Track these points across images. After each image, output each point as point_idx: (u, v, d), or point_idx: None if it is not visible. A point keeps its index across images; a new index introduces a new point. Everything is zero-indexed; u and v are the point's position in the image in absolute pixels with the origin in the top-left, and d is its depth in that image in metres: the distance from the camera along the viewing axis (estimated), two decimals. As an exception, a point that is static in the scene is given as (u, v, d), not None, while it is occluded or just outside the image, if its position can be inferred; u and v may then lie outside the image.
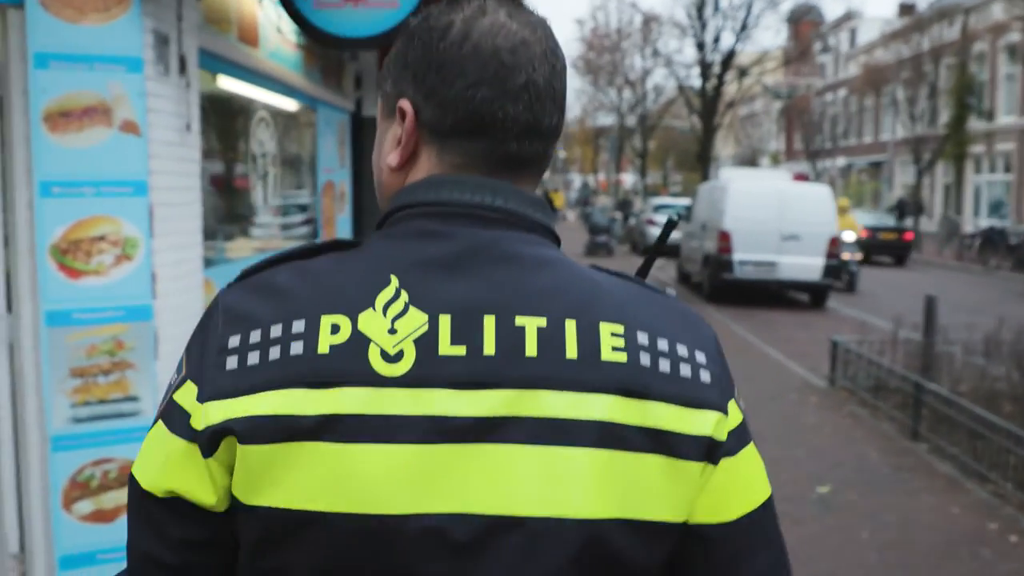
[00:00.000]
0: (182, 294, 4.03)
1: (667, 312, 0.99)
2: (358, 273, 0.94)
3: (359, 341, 0.89)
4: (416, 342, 0.89)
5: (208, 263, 4.71)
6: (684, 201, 28.23)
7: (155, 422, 0.96)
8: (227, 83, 5.19)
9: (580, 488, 0.89)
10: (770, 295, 16.62)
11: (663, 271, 21.67)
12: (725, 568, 0.96)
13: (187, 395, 0.93)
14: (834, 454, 6.92)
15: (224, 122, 5.27)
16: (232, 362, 0.91)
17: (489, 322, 0.90)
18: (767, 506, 1.00)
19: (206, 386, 0.91)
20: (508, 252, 0.95)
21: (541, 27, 1.00)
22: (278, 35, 5.79)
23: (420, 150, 1.01)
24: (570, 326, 0.92)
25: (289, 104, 6.56)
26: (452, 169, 0.99)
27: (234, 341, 0.92)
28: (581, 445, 0.89)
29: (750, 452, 0.99)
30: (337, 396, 0.88)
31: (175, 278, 3.92)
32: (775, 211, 15.64)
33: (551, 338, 0.91)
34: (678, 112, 46.98)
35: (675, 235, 23.69)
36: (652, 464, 0.91)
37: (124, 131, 3.56)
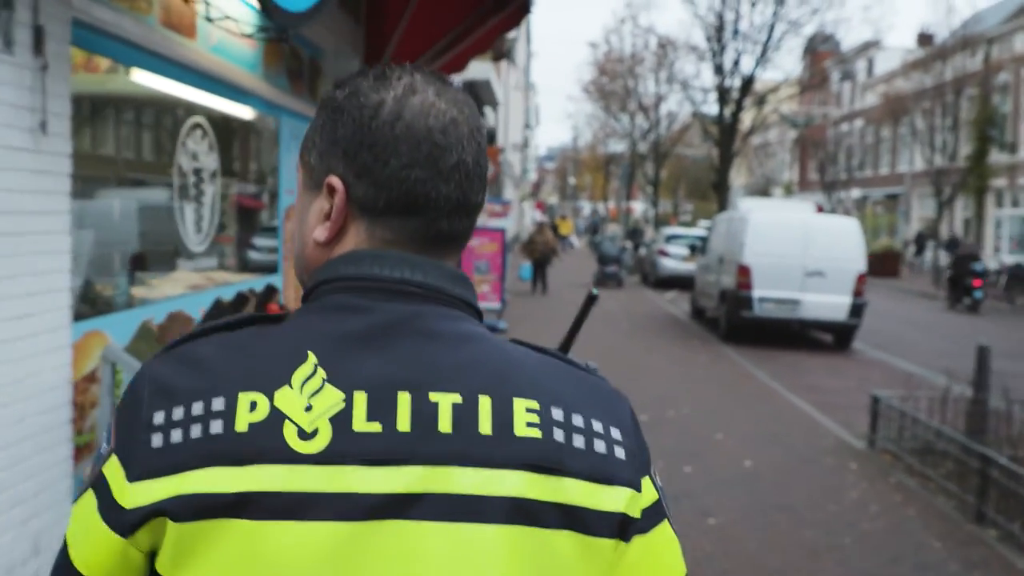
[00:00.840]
0: (28, 360, 2.92)
1: (584, 388, 1.00)
2: (277, 349, 0.92)
3: (276, 419, 0.88)
4: (332, 420, 0.89)
5: (98, 311, 3.61)
6: (696, 231, 27.21)
7: (85, 489, 0.94)
8: (144, 78, 4.11)
9: (491, 566, 0.89)
10: (790, 335, 15.47)
11: (676, 305, 20.54)
12: None
13: (115, 472, 0.91)
14: (888, 543, 5.76)
15: (139, 128, 4.20)
16: (157, 440, 0.89)
17: (404, 399, 0.90)
18: None
19: (134, 465, 0.89)
20: (425, 328, 0.95)
21: (467, 105, 1.01)
22: (226, 26, 4.72)
23: (348, 225, 0.99)
24: (484, 402, 0.92)
25: (240, 111, 5.48)
26: (382, 245, 0.98)
27: (158, 418, 0.90)
28: (493, 522, 0.89)
29: (664, 530, 0.99)
30: (254, 474, 0.86)
31: (14, 339, 2.81)
32: (799, 245, 14.51)
33: (465, 414, 0.91)
34: (690, 140, 46.03)
35: (688, 267, 22.67)
36: (565, 541, 0.91)
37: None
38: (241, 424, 0.88)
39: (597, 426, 0.96)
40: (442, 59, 7.56)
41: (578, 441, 0.94)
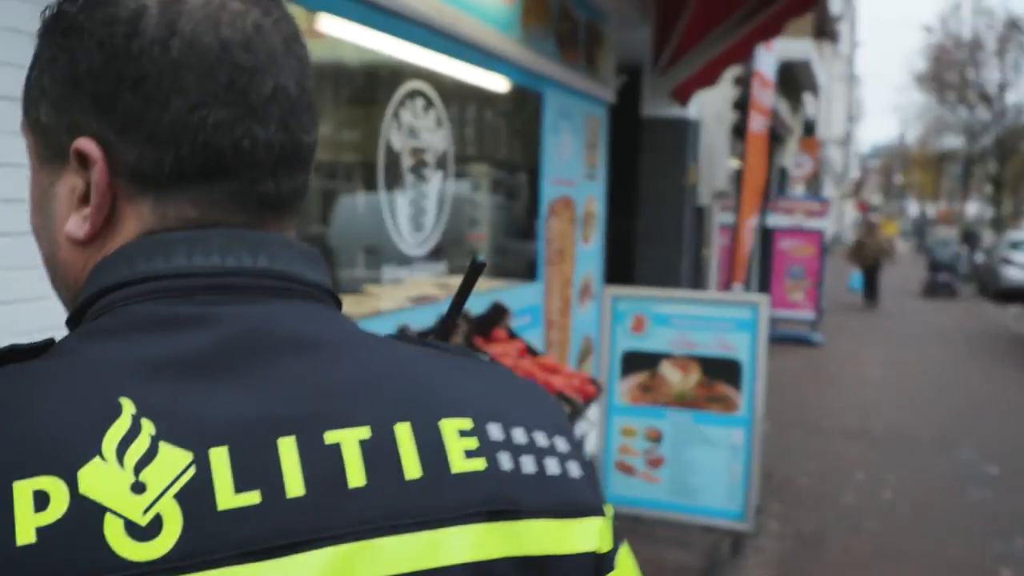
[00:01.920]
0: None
1: (506, 387, 0.75)
2: (63, 400, 0.59)
3: (86, 513, 0.56)
4: (178, 498, 0.58)
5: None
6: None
7: None
8: (333, 26, 3.12)
9: None
10: None
11: (1022, 323, 17.56)
12: None
13: None
14: None
15: (329, 94, 3.22)
16: None
17: (287, 446, 0.61)
18: None
19: None
20: (292, 335, 0.66)
21: (273, 3, 0.70)
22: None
23: (120, 209, 0.68)
24: (402, 431, 0.66)
25: (486, 80, 4.42)
26: (176, 230, 0.68)
27: None
28: None
29: (625, 554, 0.75)
30: None
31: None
32: None
33: (380, 455, 0.64)
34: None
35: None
36: None
37: None
38: (24, 534, 0.54)
39: (541, 439, 0.72)
40: (752, 21, 6.22)
41: (528, 465, 0.69)
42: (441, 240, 3.95)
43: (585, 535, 0.71)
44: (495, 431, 0.69)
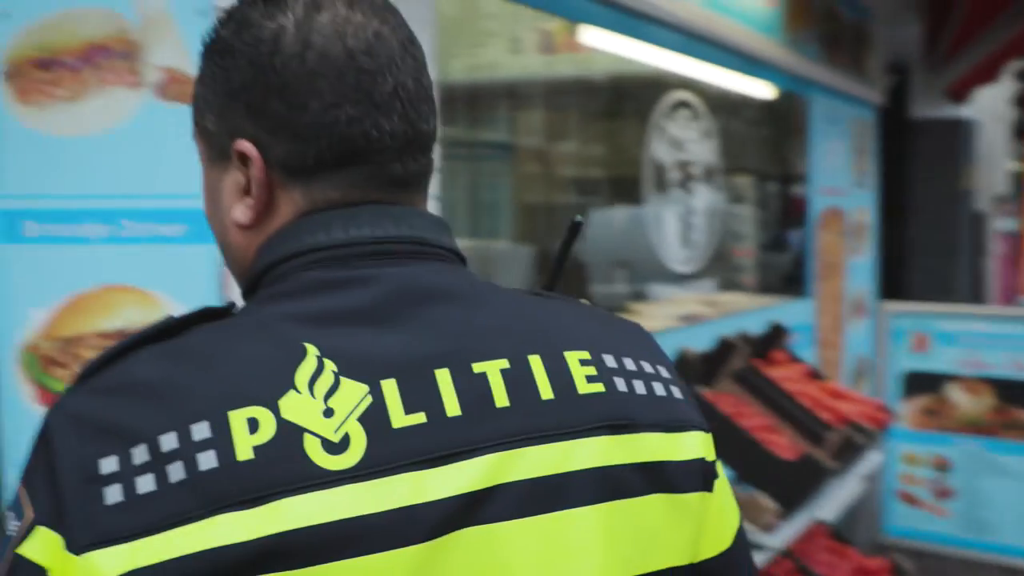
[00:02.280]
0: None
1: (614, 326, 0.90)
2: (258, 347, 0.73)
3: (289, 434, 0.69)
4: (362, 420, 0.71)
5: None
6: None
7: None
8: (594, 37, 3.04)
9: (590, 558, 0.77)
10: None
11: None
12: None
13: (43, 547, 0.67)
14: None
15: (589, 110, 3.14)
16: (114, 494, 0.67)
17: (443, 376, 0.75)
18: (742, 525, 0.92)
19: (79, 530, 0.66)
20: (435, 289, 0.79)
21: (389, 11, 0.83)
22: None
23: (277, 197, 0.82)
24: (536, 362, 0.79)
25: (750, 87, 4.22)
26: (328, 209, 0.81)
27: (109, 465, 0.68)
28: (581, 504, 0.77)
29: (719, 465, 0.89)
30: (277, 510, 0.67)
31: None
32: None
33: (519, 380, 0.77)
34: None
35: None
36: (655, 506, 0.81)
37: (167, 96, 1.59)
38: (243, 451, 0.68)
39: (648, 367, 0.85)
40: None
41: (639, 388, 0.83)
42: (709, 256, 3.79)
43: (692, 445, 0.83)
44: (609, 360, 0.82)
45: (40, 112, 1.57)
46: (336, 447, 0.69)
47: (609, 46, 3.11)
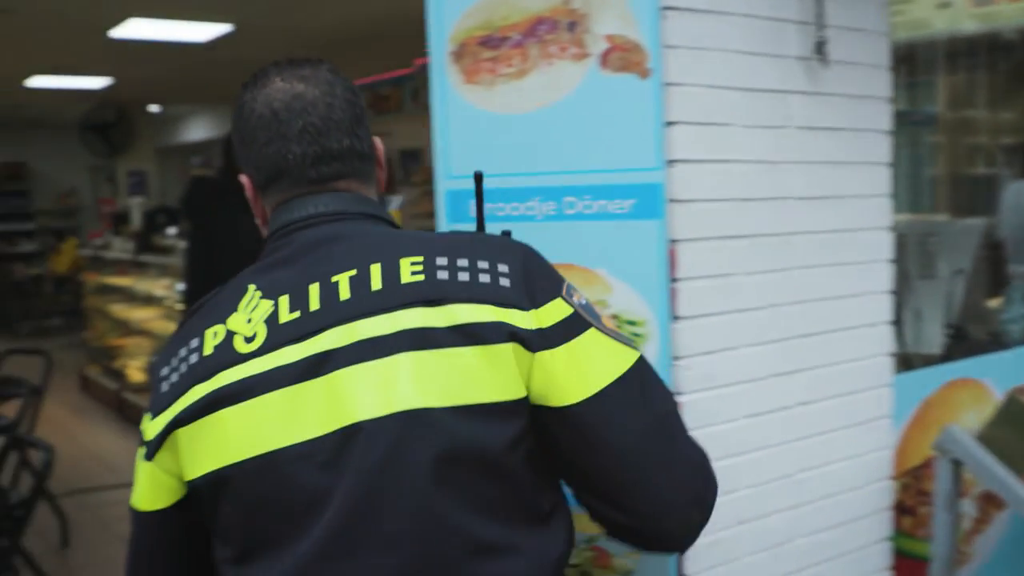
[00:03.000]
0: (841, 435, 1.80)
1: (476, 240, 1.17)
2: (230, 292, 1.20)
3: (229, 336, 1.14)
4: (266, 321, 1.13)
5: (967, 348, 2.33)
6: None
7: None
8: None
9: (404, 386, 1.07)
10: None
11: None
12: (587, 439, 1.11)
13: (146, 422, 1.20)
14: None
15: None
16: (165, 386, 1.18)
17: (314, 288, 1.13)
18: (625, 379, 1.13)
19: (154, 410, 1.19)
20: (329, 237, 1.18)
21: (315, 78, 1.23)
22: None
23: (262, 205, 1.28)
24: (375, 268, 1.12)
25: None
26: (278, 207, 1.24)
27: (164, 371, 1.19)
28: (397, 351, 1.08)
29: (586, 340, 1.13)
30: (218, 379, 1.13)
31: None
32: None
33: (360, 281, 1.12)
34: None
35: None
36: (468, 355, 1.08)
37: (609, 66, 1.51)
38: (208, 349, 1.15)
39: (483, 264, 1.12)
40: None
41: (462, 276, 1.11)
42: None
43: (495, 313, 1.09)
44: (441, 261, 1.12)
45: (486, 91, 1.57)
46: (250, 340, 1.12)
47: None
